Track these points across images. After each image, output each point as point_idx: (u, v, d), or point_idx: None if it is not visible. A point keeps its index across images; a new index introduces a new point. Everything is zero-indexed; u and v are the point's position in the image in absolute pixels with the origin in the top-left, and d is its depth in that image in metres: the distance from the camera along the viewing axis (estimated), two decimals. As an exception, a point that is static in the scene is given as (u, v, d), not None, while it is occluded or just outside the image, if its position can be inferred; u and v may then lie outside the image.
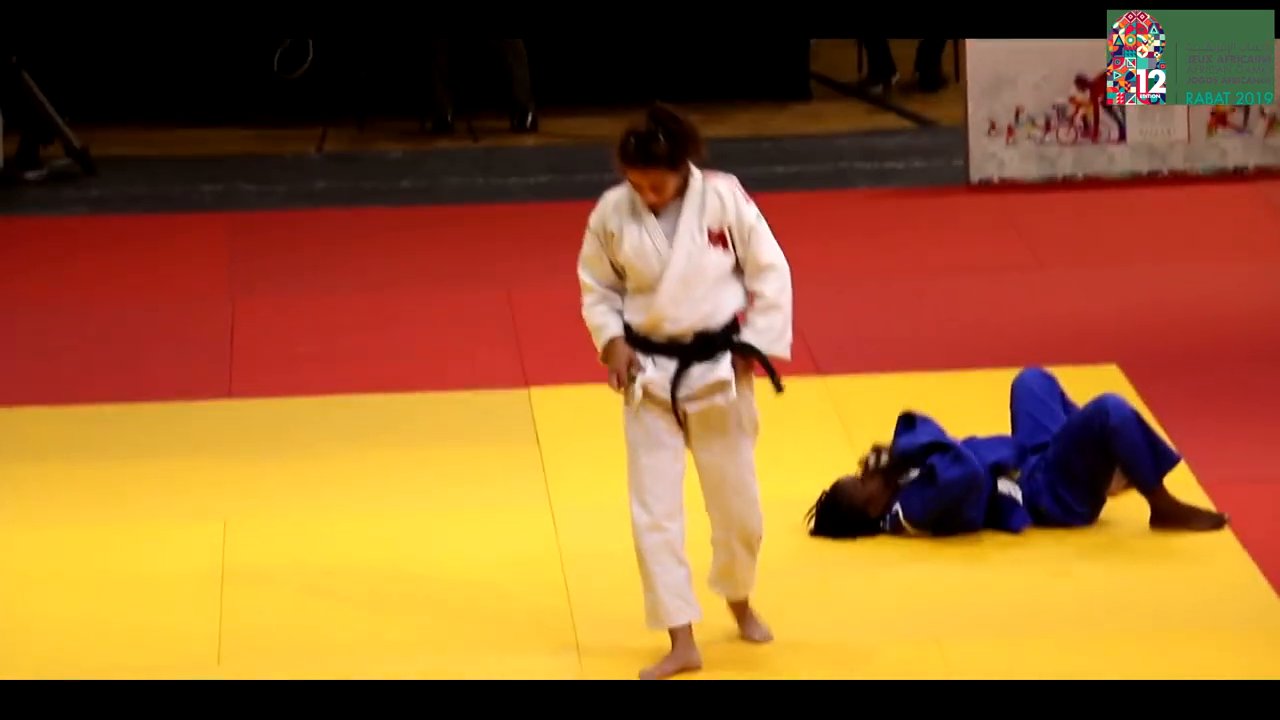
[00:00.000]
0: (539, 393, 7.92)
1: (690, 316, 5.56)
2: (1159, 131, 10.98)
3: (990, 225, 10.26)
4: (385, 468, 7.36)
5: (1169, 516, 6.41)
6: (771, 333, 5.67)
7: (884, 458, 6.97)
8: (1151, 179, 10.84)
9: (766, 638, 5.90)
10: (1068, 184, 10.72)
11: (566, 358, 7.89)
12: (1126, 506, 6.66)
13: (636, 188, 5.60)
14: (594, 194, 7.72)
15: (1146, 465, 6.53)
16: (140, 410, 7.97)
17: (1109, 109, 11.22)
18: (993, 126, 10.48)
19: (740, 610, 5.76)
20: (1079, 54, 10.89)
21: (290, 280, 9.43)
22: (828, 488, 6.81)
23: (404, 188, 10.47)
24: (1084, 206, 10.46)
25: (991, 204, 10.41)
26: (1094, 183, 10.73)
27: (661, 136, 5.57)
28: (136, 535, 6.90)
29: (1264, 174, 10.89)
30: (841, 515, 6.72)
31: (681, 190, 5.68)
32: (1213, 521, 6.38)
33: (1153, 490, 6.47)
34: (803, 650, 6.23)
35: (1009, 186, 10.57)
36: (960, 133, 10.59)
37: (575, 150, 11.41)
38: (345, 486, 7.23)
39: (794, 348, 8.17)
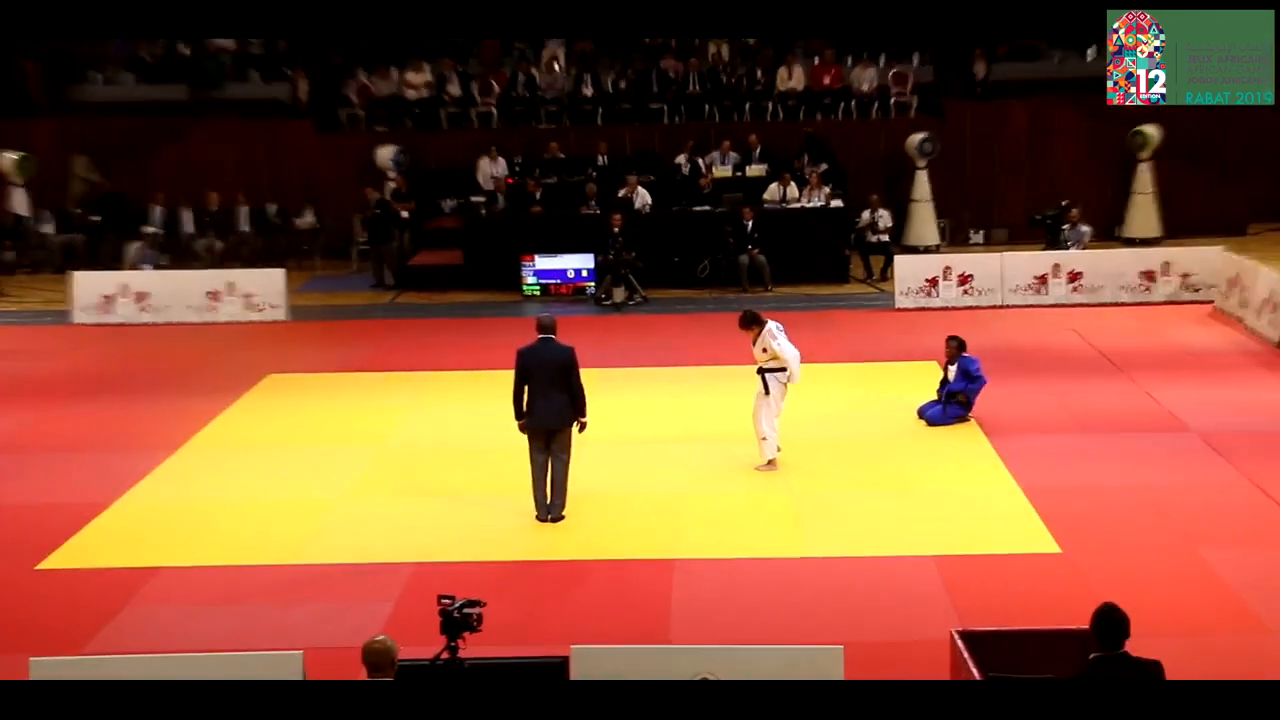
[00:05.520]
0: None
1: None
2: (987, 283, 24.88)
3: (901, 323, 22.26)
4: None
5: None
6: (790, 377, 14.97)
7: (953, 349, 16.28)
8: (978, 309, 23.11)
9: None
10: (943, 310, 22.73)
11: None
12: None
13: None
14: (788, 308, 21.92)
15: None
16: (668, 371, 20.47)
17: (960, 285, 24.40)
18: (904, 292, 23.54)
19: None
20: (940, 261, 23.88)
21: (697, 330, 21.97)
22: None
23: (736, 305, 20.54)
24: (942, 318, 22.23)
25: (902, 315, 22.81)
26: (945, 311, 23.12)
27: (741, 320, 15.20)
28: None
29: (1059, 306, 23.02)
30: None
31: (757, 332, 14.95)
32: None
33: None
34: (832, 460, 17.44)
35: (905, 311, 23.03)
36: (893, 294, 23.59)
37: (785, 298, 23.94)
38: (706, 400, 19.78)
39: (832, 353, 20.25)
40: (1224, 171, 30.51)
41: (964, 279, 23.97)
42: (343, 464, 16.06)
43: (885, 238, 26.61)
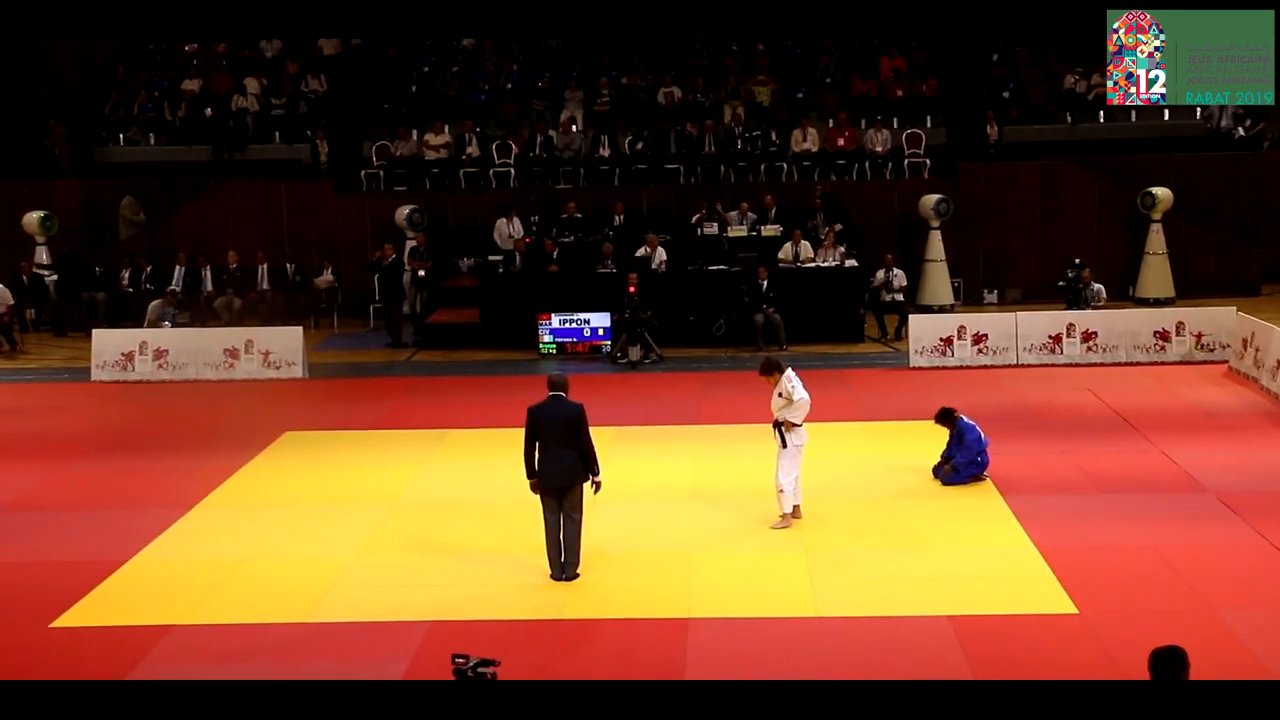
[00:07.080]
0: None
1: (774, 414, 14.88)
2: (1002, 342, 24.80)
3: (916, 381, 22.37)
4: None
5: None
6: (789, 414, 14.88)
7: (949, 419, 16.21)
8: (993, 368, 23.51)
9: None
10: (958, 369, 23.14)
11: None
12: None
13: None
14: (802, 366, 22.22)
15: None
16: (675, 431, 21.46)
17: (975, 344, 24.17)
18: (919, 351, 24.25)
19: None
20: (955, 320, 23.88)
21: (712, 388, 22.67)
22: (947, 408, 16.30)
23: (750, 363, 21.57)
24: (957, 377, 22.75)
25: (917, 374, 23.12)
26: (960, 370, 23.76)
27: (762, 366, 15.42)
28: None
29: (1074, 366, 23.14)
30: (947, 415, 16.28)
31: (777, 378, 15.00)
32: None
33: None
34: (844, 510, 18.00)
35: (920, 370, 23.52)
36: (907, 353, 24.05)
37: (799, 356, 23.29)
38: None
39: (848, 411, 20.45)
40: (1236, 233, 30.37)
41: (978, 338, 23.87)
42: (358, 521, 15.99)
43: (900, 297, 26.56)
